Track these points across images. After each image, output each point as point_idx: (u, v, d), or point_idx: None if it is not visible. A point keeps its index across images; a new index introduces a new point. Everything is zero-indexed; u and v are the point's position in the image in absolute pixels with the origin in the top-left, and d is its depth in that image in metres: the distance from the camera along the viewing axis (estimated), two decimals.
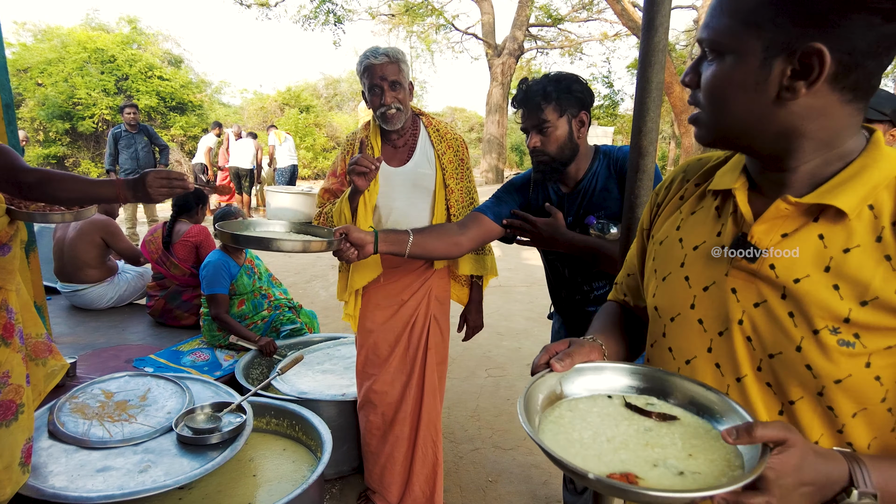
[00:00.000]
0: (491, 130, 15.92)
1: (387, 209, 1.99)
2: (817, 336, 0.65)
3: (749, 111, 0.67)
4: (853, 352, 0.63)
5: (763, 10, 0.62)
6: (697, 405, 0.73)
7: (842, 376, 0.65)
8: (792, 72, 0.63)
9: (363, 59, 1.85)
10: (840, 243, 0.65)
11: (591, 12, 16.53)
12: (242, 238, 1.54)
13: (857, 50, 0.60)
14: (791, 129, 0.66)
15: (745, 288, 0.72)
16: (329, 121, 19.17)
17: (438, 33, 17.51)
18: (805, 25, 0.60)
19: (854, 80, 0.62)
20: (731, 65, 0.66)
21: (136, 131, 6.56)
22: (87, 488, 1.62)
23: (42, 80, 13.46)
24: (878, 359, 0.63)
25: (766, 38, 0.63)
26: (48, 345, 1.61)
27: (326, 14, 14.19)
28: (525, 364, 3.92)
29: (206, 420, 1.99)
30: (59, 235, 3.60)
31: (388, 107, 1.85)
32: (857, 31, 0.59)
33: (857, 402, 0.66)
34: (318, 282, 5.80)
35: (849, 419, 0.67)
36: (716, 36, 0.67)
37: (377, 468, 2.15)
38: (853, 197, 0.64)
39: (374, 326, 2.08)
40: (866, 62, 0.61)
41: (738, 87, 0.66)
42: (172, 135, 14.58)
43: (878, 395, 0.65)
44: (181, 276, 3.28)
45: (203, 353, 2.91)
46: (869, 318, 0.62)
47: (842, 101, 0.64)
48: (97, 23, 16.08)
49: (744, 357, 0.72)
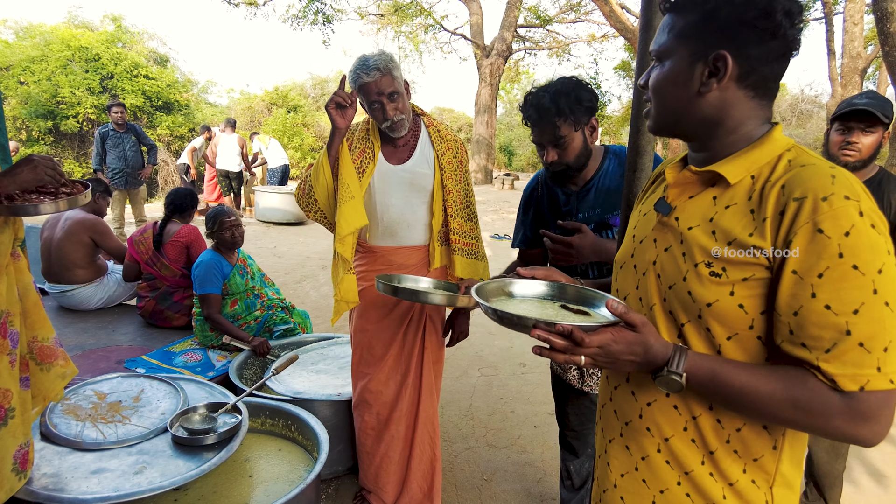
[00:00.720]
0: (480, 131, 15.95)
1: (383, 206, 1.99)
2: (696, 269, 0.85)
3: (679, 101, 0.88)
4: (720, 281, 0.82)
5: (690, 28, 0.85)
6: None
7: (712, 300, 0.83)
8: (708, 72, 0.84)
9: (355, 76, 1.83)
10: (725, 202, 0.85)
11: (579, 14, 16.64)
12: (401, 291, 1.70)
13: (753, 57, 0.82)
14: (708, 117, 0.87)
15: (660, 237, 0.93)
16: (317, 121, 19.06)
17: (427, 34, 17.50)
18: (717, 38, 0.83)
19: (754, 80, 0.84)
20: (669, 68, 0.88)
21: (124, 130, 6.47)
22: (82, 490, 1.60)
23: (24, 79, 13.23)
24: (740, 289, 0.81)
25: (691, 48, 0.85)
26: (54, 350, 1.57)
27: (315, 14, 14.12)
28: (517, 363, 3.94)
29: (201, 421, 1.97)
30: (47, 235, 3.54)
31: (391, 120, 1.87)
32: (752, 44, 0.81)
33: (728, 327, 0.83)
34: (308, 282, 5.78)
35: (724, 342, 0.84)
36: (660, 48, 0.90)
37: (372, 468, 2.14)
38: (738, 169, 0.85)
39: (369, 325, 2.07)
40: (762, 67, 0.83)
41: (672, 84, 0.88)
42: (159, 134, 14.41)
43: (744, 322, 0.82)
44: (172, 277, 3.24)
45: (195, 353, 2.89)
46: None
47: (746, 97, 0.85)
48: (80, 20, 15.86)
49: (654, 290, 0.93)
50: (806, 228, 0.74)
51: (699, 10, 0.84)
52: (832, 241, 0.72)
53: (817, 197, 0.74)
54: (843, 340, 0.73)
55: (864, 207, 0.74)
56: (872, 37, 11.81)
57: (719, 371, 0.80)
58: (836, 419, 0.74)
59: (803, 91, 22.26)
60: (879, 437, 0.74)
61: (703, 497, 0.90)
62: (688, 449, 0.91)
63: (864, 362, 0.72)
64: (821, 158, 0.82)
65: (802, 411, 0.75)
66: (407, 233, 2.02)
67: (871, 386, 0.72)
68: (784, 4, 0.79)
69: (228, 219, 2.95)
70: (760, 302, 0.80)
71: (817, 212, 0.74)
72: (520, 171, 22.05)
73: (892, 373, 0.72)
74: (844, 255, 0.72)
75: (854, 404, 0.73)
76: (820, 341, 0.74)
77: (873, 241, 0.73)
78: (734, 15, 0.81)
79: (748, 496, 0.88)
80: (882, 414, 0.73)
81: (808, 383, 0.75)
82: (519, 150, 25.01)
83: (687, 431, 0.91)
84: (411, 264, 2.05)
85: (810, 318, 0.74)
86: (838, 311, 0.73)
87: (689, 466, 0.91)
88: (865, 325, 0.72)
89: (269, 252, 7.04)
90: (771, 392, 0.77)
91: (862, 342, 0.72)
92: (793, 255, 0.75)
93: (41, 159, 1.43)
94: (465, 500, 2.41)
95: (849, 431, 0.74)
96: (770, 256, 0.78)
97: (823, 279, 0.73)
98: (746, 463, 0.88)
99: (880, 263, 0.72)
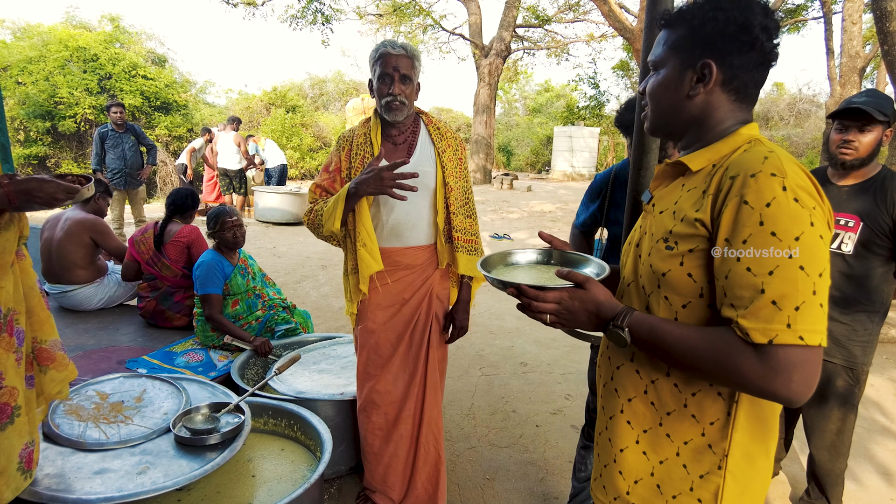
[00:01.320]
0: (479, 131, 15.94)
1: (387, 207, 1.98)
2: (657, 245, 0.97)
3: (671, 104, 1.00)
4: (672, 253, 0.93)
5: (681, 41, 0.97)
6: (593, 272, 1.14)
7: (665, 270, 0.94)
8: (696, 78, 0.96)
9: (380, 47, 1.86)
10: (688, 187, 0.97)
11: (577, 13, 16.63)
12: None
13: (735, 65, 0.93)
14: (694, 117, 0.99)
15: (644, 222, 1.07)
16: (315, 121, 19.04)
17: (426, 33, 17.50)
18: (703, 49, 0.95)
19: (736, 86, 0.95)
20: (663, 75, 1.00)
21: (124, 131, 6.46)
22: (86, 490, 1.60)
23: (22, 79, 13.19)
24: (688, 260, 0.92)
25: (681, 57, 0.97)
26: (52, 353, 1.56)
27: (314, 14, 14.08)
28: (518, 362, 3.94)
29: (203, 421, 1.97)
30: (47, 236, 3.53)
31: (394, 97, 1.87)
32: (734, 54, 0.93)
33: (681, 295, 0.93)
34: (308, 282, 5.77)
35: (680, 309, 0.94)
36: (656, 58, 1.02)
37: (380, 468, 2.13)
38: (701, 159, 0.97)
39: (376, 326, 2.06)
40: (743, 74, 0.94)
41: (665, 89, 1.00)
42: (157, 135, 14.37)
43: (695, 290, 0.92)
44: (173, 277, 3.24)
45: (197, 353, 2.88)
46: (681, 229, 0.93)
47: (728, 100, 0.97)
48: (78, 21, 15.82)
49: (632, 268, 1.06)
50: (734, 201, 0.84)
51: (688, 26, 0.96)
52: (755, 211, 0.82)
53: (746, 174, 0.84)
54: (758, 298, 0.80)
55: (790, 183, 0.82)
56: (871, 36, 11.84)
57: (657, 327, 0.91)
58: (750, 372, 0.81)
59: (801, 91, 22.29)
60: (797, 395, 0.80)
61: (657, 454, 1.01)
62: (647, 409, 1.01)
63: (775, 318, 0.79)
64: (772, 146, 0.90)
65: (722, 364, 0.83)
66: (412, 233, 2.01)
67: (779, 340, 0.79)
68: (761, 21, 0.91)
69: (230, 219, 2.94)
70: (706, 272, 0.90)
71: (745, 186, 0.84)
72: (518, 171, 22.04)
73: (803, 330, 0.78)
74: (765, 224, 0.81)
75: (765, 358, 0.80)
76: (741, 300, 0.82)
77: (794, 212, 0.81)
78: (717, 29, 0.93)
79: (701, 458, 0.96)
80: (794, 369, 0.79)
81: (728, 338, 0.83)
82: (518, 149, 25.01)
83: (647, 394, 1.01)
84: (418, 264, 2.04)
85: (735, 279, 0.83)
86: (756, 273, 0.81)
87: (646, 425, 1.02)
88: (778, 285, 0.79)
89: (269, 252, 7.03)
90: (697, 346, 0.86)
91: (775, 300, 0.80)
92: (723, 224, 0.85)
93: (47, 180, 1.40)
94: (468, 499, 2.41)
95: (764, 385, 0.80)
96: (709, 228, 0.89)
97: (747, 245, 0.82)
98: (704, 427, 0.96)
99: (798, 232, 0.80)
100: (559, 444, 2.87)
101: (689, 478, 0.97)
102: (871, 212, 2.01)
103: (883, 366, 4.07)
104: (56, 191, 1.36)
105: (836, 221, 2.10)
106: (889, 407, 3.44)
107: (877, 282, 2.05)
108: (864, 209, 2.03)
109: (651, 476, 1.02)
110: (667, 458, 0.99)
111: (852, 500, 2.49)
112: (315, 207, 1.99)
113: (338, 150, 2.06)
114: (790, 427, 2.54)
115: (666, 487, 1.00)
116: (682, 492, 0.98)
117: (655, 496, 1.01)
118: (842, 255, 2.08)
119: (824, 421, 2.21)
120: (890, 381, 3.83)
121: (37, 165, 13.52)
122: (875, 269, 2.05)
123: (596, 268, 1.11)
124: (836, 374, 2.15)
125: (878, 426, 3.20)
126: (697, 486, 0.97)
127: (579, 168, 18.91)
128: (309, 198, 2.09)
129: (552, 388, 3.54)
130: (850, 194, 2.08)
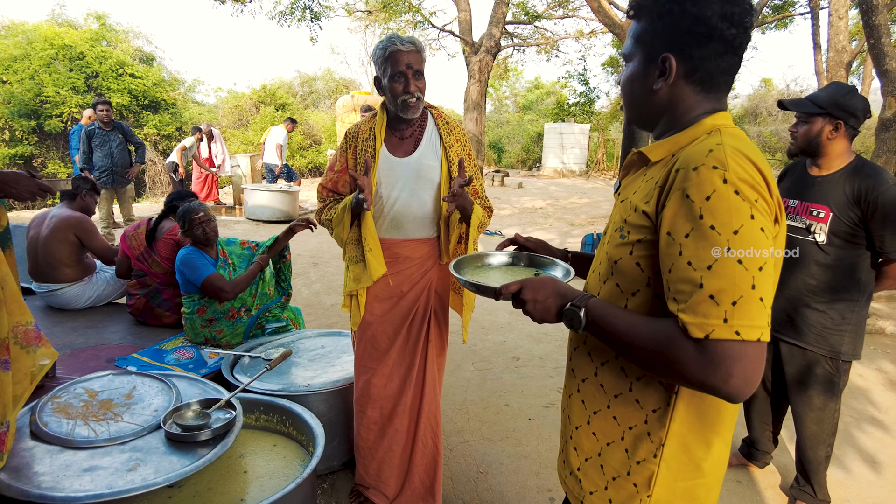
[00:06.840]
0: (469, 128, 15.92)
1: (389, 199, 1.97)
2: (614, 233, 1.00)
3: (638, 96, 1.03)
4: (624, 242, 0.96)
5: (643, 33, 0.98)
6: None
7: (617, 258, 0.98)
8: (658, 72, 0.97)
9: (388, 44, 1.83)
10: (648, 177, 0.97)
11: (567, 10, 16.64)
12: None
13: (696, 57, 0.93)
14: (660, 109, 1.01)
15: (613, 211, 1.08)
16: (305, 119, 18.95)
17: (415, 30, 17.44)
18: (662, 42, 0.95)
19: (700, 77, 0.95)
20: (631, 69, 1.03)
21: (111, 129, 6.39)
22: (75, 488, 1.58)
23: (7, 78, 13.03)
24: (637, 249, 0.94)
25: (646, 51, 0.99)
26: (38, 333, 1.56)
27: (303, 10, 14.00)
28: (510, 357, 3.94)
29: (194, 417, 1.95)
30: (33, 234, 3.49)
31: (411, 95, 1.85)
32: (693, 46, 0.93)
33: (631, 282, 0.96)
34: (299, 279, 5.75)
35: (630, 297, 0.96)
36: (626, 51, 1.04)
37: (374, 463, 2.12)
38: (661, 149, 0.98)
39: (373, 319, 2.05)
40: (706, 65, 0.94)
41: (632, 83, 1.03)
42: (146, 134, 14.26)
43: (642, 279, 0.94)
44: (162, 274, 3.20)
45: (187, 350, 2.85)
46: (633, 219, 0.95)
47: (693, 92, 0.97)
48: (64, 18, 15.63)
49: (600, 256, 1.08)
50: (677, 195, 0.85)
51: (649, 18, 0.97)
52: (695, 204, 0.82)
53: (689, 167, 0.84)
54: (696, 293, 0.80)
55: (731, 176, 0.81)
56: (857, 31, 11.94)
57: (609, 314, 0.92)
58: (690, 365, 0.80)
59: (789, 86, 22.49)
60: (737, 390, 0.78)
61: (605, 436, 1.05)
62: (597, 391, 1.05)
63: (712, 313, 0.78)
64: (728, 136, 0.89)
65: (663, 357, 0.83)
66: (413, 226, 2.00)
67: (715, 335, 0.78)
68: (719, 10, 0.89)
69: (197, 216, 2.89)
70: (653, 263, 0.91)
71: (686, 179, 0.84)
72: (509, 168, 22.05)
73: (740, 325, 0.77)
74: (704, 217, 0.81)
75: (703, 352, 0.79)
76: (682, 294, 0.82)
77: (734, 205, 0.80)
78: (673, 22, 0.93)
79: (641, 444, 0.99)
80: (733, 365, 0.78)
81: (670, 331, 0.83)
82: (508, 146, 25.02)
83: (597, 376, 1.05)
84: (417, 257, 2.03)
85: (677, 273, 0.83)
86: (696, 267, 0.81)
87: (596, 407, 1.06)
88: (716, 280, 0.79)
89: None
90: (643, 337, 0.86)
91: (712, 294, 0.79)
92: (666, 218, 0.86)
93: None
94: (462, 492, 2.41)
95: (703, 379, 0.80)
96: (653, 220, 0.90)
97: (689, 239, 0.82)
98: (647, 414, 0.98)
99: (738, 225, 0.79)
100: (552, 437, 2.88)
101: (629, 462, 1.00)
102: (839, 201, 2.05)
103: (871, 356, 4.11)
104: (31, 185, 1.41)
105: (808, 212, 2.14)
106: (877, 397, 3.48)
107: (854, 271, 2.08)
108: (832, 199, 2.07)
109: (598, 456, 1.06)
110: (612, 441, 1.03)
111: (840, 489, 2.52)
112: (323, 217, 2.07)
113: (344, 147, 2.04)
114: (777, 421, 2.57)
115: (608, 469, 1.04)
116: (621, 475, 1.02)
117: (599, 476, 1.06)
118: (817, 244, 2.10)
119: (805, 409, 2.24)
120: (878, 371, 3.88)
121: (22, 165, 13.35)
122: (851, 258, 2.07)
123: (561, 271, 1.18)
124: (815, 363, 2.18)
125: (867, 416, 3.24)
126: (634, 472, 1.00)
127: (570, 165, 18.96)
128: (317, 197, 2.14)
129: (544, 381, 3.55)
130: (821, 184, 2.12)
